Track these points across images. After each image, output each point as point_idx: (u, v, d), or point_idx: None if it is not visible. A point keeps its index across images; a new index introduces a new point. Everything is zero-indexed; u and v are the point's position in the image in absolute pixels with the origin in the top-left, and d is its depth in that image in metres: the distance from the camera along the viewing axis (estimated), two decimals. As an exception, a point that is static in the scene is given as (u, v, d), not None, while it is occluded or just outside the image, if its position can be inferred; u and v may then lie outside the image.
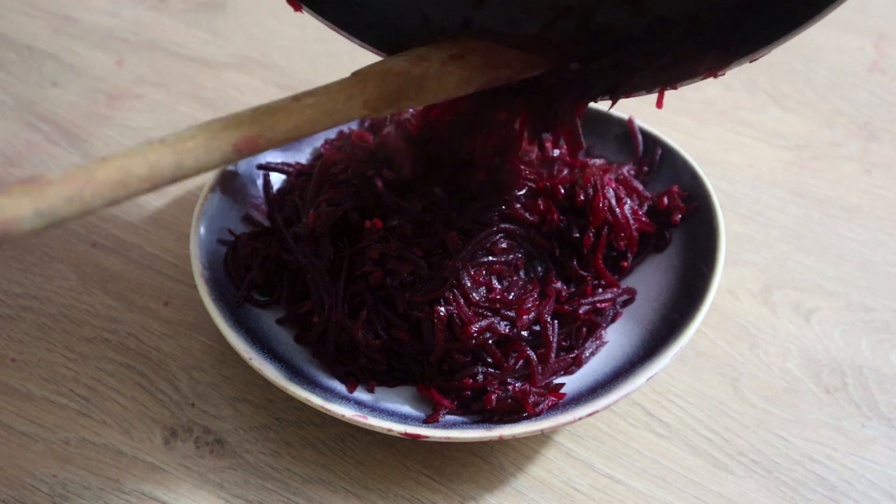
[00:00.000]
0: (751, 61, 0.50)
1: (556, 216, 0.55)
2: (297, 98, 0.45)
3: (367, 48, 0.54)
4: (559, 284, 0.55)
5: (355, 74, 0.48)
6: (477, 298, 0.52)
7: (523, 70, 0.51)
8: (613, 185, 0.58)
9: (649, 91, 0.53)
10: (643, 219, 0.58)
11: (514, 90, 0.54)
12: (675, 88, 0.52)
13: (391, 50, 0.53)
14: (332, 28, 0.54)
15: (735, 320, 0.60)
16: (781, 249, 0.64)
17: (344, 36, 0.54)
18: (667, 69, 0.52)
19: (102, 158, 0.39)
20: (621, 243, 0.57)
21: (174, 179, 0.40)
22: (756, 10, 0.49)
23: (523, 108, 0.55)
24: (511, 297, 0.53)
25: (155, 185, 0.40)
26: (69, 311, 0.60)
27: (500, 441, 0.52)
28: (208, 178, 0.60)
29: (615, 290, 0.57)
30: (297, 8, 0.52)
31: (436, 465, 0.53)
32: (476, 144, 0.55)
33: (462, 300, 0.52)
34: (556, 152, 0.59)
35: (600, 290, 0.56)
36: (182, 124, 0.72)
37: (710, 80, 0.77)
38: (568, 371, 0.54)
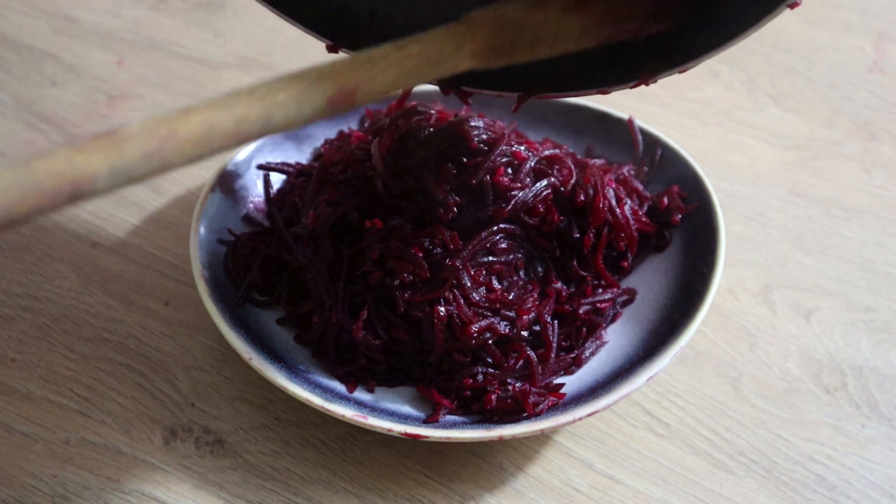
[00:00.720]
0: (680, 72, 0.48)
1: (556, 216, 0.55)
2: (401, 46, 0.42)
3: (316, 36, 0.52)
4: (559, 284, 0.55)
5: (466, 19, 0.44)
6: (477, 298, 0.52)
7: (649, 22, 0.47)
8: (613, 186, 0.58)
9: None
10: (643, 219, 0.58)
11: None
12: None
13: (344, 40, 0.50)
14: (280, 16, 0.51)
15: (735, 320, 0.60)
16: (781, 249, 0.64)
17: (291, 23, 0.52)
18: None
19: (185, 110, 0.36)
20: (621, 243, 0.57)
21: (261, 134, 0.38)
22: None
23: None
24: (511, 297, 0.53)
25: (240, 141, 0.37)
26: (69, 311, 0.60)
27: (500, 441, 0.52)
28: (208, 178, 0.60)
29: (615, 290, 0.57)
30: None
31: (436, 465, 0.53)
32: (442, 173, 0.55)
33: (462, 300, 0.52)
34: (557, 151, 0.58)
35: (600, 290, 0.56)
36: (182, 124, 0.72)
37: (710, 80, 0.77)
38: (568, 371, 0.54)
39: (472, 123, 0.56)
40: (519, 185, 0.55)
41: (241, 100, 0.37)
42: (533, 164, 0.56)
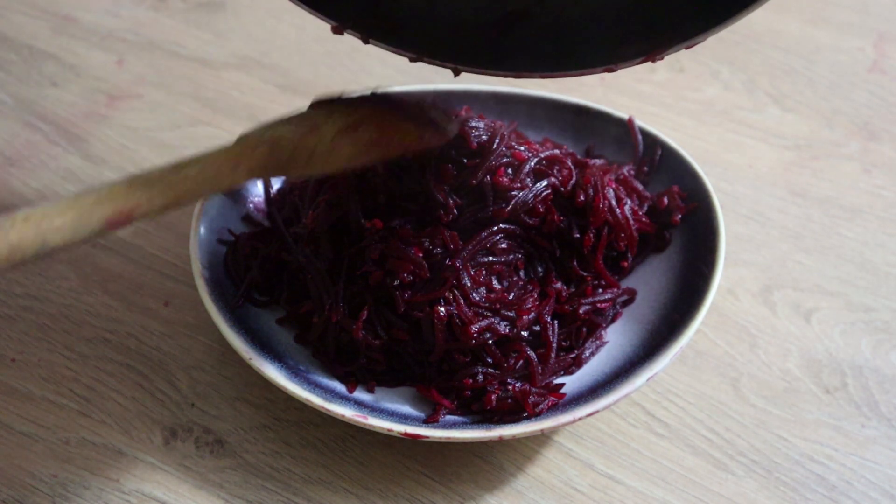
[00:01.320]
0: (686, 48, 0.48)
1: (556, 216, 0.55)
2: (178, 168, 0.44)
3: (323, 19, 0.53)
4: (559, 285, 0.55)
5: (242, 140, 0.48)
6: (477, 298, 0.52)
7: (417, 144, 0.51)
8: (613, 186, 0.58)
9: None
10: (643, 219, 0.58)
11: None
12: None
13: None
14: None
15: (735, 320, 0.60)
16: (781, 249, 0.64)
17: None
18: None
19: None
20: (621, 244, 0.57)
21: (37, 257, 0.40)
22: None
23: None
24: (511, 297, 0.53)
25: (14, 263, 0.39)
26: (69, 311, 0.60)
27: (500, 441, 0.52)
28: (208, 178, 0.60)
29: (615, 290, 0.57)
30: None
31: (436, 465, 0.53)
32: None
33: (462, 300, 0.52)
34: (557, 151, 0.58)
35: (600, 290, 0.56)
36: (182, 124, 0.72)
37: (710, 80, 0.77)
38: (568, 371, 0.54)
39: (472, 124, 0.56)
40: (519, 185, 0.55)
41: (17, 227, 0.39)
42: (533, 164, 0.56)
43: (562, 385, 0.53)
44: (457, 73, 0.53)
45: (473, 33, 0.51)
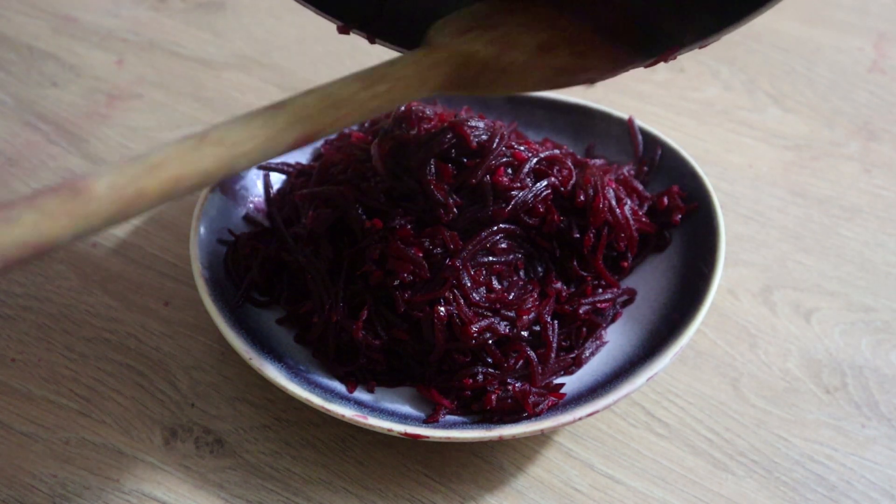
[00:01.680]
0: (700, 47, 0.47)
1: (556, 216, 0.55)
2: (368, 83, 0.42)
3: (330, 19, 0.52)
4: (559, 284, 0.55)
5: (433, 49, 0.44)
6: (477, 298, 0.52)
7: (609, 70, 0.48)
8: (613, 186, 0.58)
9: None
10: (643, 219, 0.58)
11: None
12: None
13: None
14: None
15: (735, 320, 0.60)
16: (781, 249, 0.64)
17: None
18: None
19: (153, 162, 0.36)
20: (621, 244, 0.57)
21: (223, 179, 0.38)
22: None
23: None
24: (511, 297, 0.53)
25: (202, 187, 0.38)
26: (69, 311, 0.60)
27: (500, 441, 0.52)
28: (208, 178, 0.60)
29: (615, 290, 0.57)
30: None
31: (436, 465, 0.53)
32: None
33: (462, 300, 0.52)
34: (557, 151, 0.58)
35: (600, 290, 0.56)
36: (182, 124, 0.72)
37: (710, 80, 0.77)
38: (568, 371, 0.54)
39: (472, 124, 0.56)
40: (519, 185, 0.55)
41: (209, 149, 0.37)
42: (533, 164, 0.56)
43: (562, 385, 0.53)
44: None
45: None
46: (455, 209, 0.54)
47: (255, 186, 0.62)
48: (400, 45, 0.52)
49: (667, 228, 0.59)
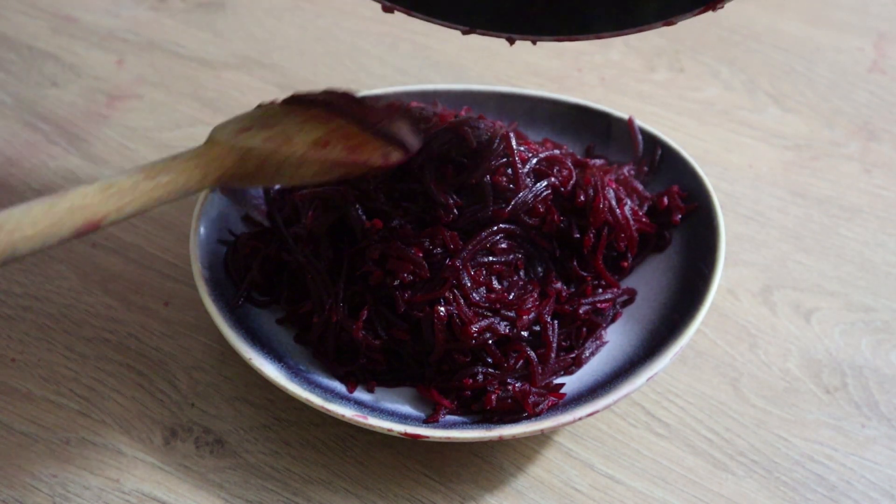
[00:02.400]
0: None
1: (556, 216, 0.55)
2: (150, 175, 0.45)
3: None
4: (559, 285, 0.55)
5: (214, 145, 0.48)
6: (477, 298, 0.52)
7: (380, 166, 0.51)
8: (613, 186, 0.58)
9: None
10: (643, 219, 0.58)
11: None
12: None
13: None
14: None
15: (735, 320, 0.60)
16: (781, 249, 0.64)
17: None
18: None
19: None
20: (621, 244, 0.57)
21: (2, 264, 0.41)
22: None
23: None
24: (511, 297, 0.53)
25: None
26: (69, 311, 0.60)
27: (500, 441, 0.52)
28: (208, 178, 0.60)
29: (615, 290, 0.57)
30: None
31: (436, 465, 0.53)
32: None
33: (462, 300, 0.52)
34: (557, 152, 0.58)
35: (600, 290, 0.56)
36: (182, 124, 0.72)
37: (710, 80, 0.77)
38: (568, 371, 0.54)
39: (472, 124, 0.56)
40: (519, 185, 0.55)
41: None
42: (533, 164, 0.56)
43: (562, 385, 0.53)
44: (511, 43, 0.52)
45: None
46: (455, 209, 0.54)
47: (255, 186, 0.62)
48: (439, 18, 0.52)
49: (667, 228, 0.59)
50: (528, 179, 0.55)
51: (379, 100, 0.58)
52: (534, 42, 0.52)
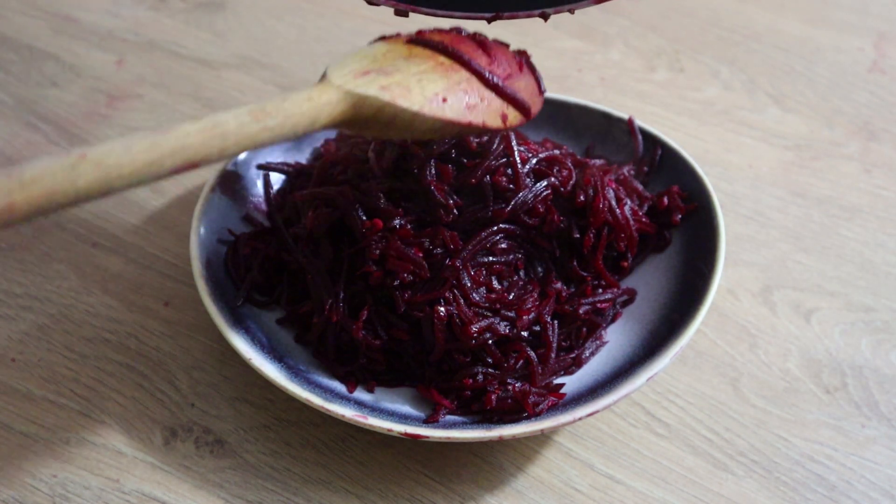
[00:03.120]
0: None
1: (556, 216, 0.55)
2: (258, 117, 0.43)
3: None
4: (559, 285, 0.55)
5: (328, 87, 0.45)
6: (477, 298, 0.52)
7: (499, 125, 0.50)
8: (613, 186, 0.58)
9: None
10: (643, 219, 0.58)
11: None
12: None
13: None
14: None
15: (735, 320, 0.60)
16: (781, 249, 0.64)
17: None
18: None
19: (28, 180, 0.36)
20: (621, 244, 0.57)
21: (96, 198, 0.39)
22: None
23: None
24: (511, 297, 0.53)
25: (74, 206, 0.39)
26: (69, 311, 0.60)
27: (500, 441, 0.52)
28: (208, 178, 0.60)
29: (615, 290, 0.57)
30: None
31: (436, 465, 0.53)
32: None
33: (462, 300, 0.52)
34: (557, 152, 0.58)
35: (600, 290, 0.56)
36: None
37: (710, 80, 0.77)
38: (568, 371, 0.54)
39: None
40: (519, 185, 0.55)
41: (86, 168, 0.38)
42: (533, 164, 0.56)
43: (562, 385, 0.53)
44: (546, 18, 0.51)
45: None
46: (455, 209, 0.54)
47: (255, 186, 0.62)
48: (440, 7, 0.51)
49: (667, 228, 0.59)
50: (528, 179, 0.55)
51: (504, 47, 0.54)
52: (571, 11, 0.51)
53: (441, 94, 0.48)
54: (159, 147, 0.40)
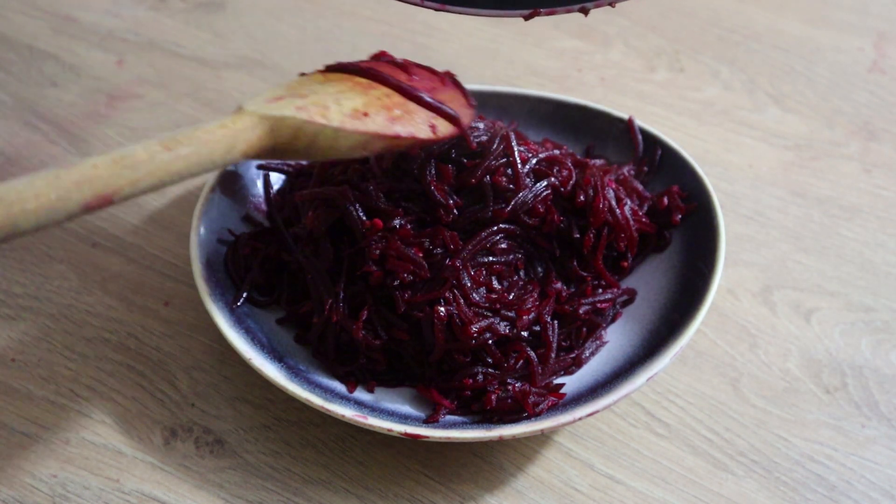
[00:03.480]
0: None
1: (556, 216, 0.55)
2: (169, 146, 0.41)
3: None
4: (559, 285, 0.55)
5: (241, 115, 0.44)
6: (477, 298, 0.52)
7: (428, 136, 0.49)
8: (613, 186, 0.58)
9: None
10: (643, 219, 0.58)
11: None
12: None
13: None
14: None
15: (735, 320, 0.60)
16: (781, 249, 0.64)
17: None
18: None
19: None
20: (621, 244, 0.57)
21: (3, 241, 0.38)
22: None
23: None
24: (511, 297, 0.53)
25: None
26: (69, 311, 0.60)
27: (500, 441, 0.52)
28: (209, 178, 0.60)
29: (615, 290, 0.57)
30: None
31: (436, 465, 0.53)
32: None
33: (462, 300, 0.52)
34: (557, 152, 0.58)
35: (600, 290, 0.56)
36: (182, 124, 0.72)
37: (710, 80, 0.77)
38: (568, 371, 0.54)
39: (472, 125, 0.56)
40: (519, 185, 0.55)
41: None
42: (533, 164, 0.56)
43: (562, 385, 0.53)
44: (586, 13, 0.50)
45: None
46: (455, 209, 0.54)
47: (255, 186, 0.62)
48: (500, 8, 0.50)
49: (667, 228, 0.59)
50: (528, 179, 0.55)
51: (426, 67, 0.54)
52: (612, 5, 0.50)
53: (361, 110, 0.47)
54: (62, 180, 0.38)
